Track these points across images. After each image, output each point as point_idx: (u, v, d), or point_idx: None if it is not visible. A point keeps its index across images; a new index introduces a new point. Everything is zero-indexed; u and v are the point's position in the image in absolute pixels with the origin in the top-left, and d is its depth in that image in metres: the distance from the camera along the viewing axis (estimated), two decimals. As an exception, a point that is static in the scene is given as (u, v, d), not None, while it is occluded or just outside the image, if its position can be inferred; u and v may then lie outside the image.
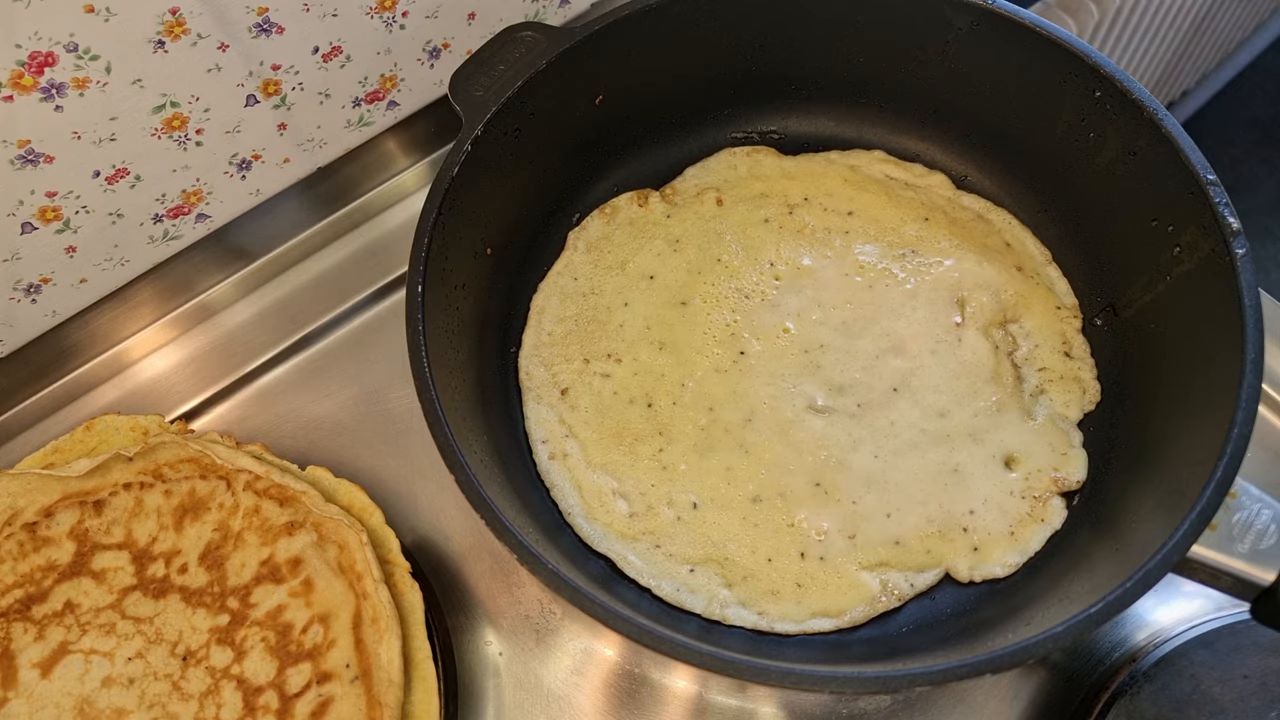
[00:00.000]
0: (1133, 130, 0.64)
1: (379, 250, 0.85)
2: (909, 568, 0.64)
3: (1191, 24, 1.56)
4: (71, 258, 0.72)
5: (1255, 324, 0.55)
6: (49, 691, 0.60)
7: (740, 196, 0.78)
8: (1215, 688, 0.59)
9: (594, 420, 0.70)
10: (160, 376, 0.81)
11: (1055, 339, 0.71)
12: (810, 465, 0.67)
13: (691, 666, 0.50)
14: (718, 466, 0.68)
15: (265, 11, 0.68)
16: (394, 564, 0.64)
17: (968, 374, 0.70)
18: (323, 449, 0.76)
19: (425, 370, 0.58)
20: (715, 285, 0.75)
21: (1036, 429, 0.68)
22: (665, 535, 0.66)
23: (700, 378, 0.71)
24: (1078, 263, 0.73)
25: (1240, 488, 0.51)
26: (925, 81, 0.76)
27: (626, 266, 0.76)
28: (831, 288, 0.74)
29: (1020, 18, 0.67)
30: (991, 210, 0.77)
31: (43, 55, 0.60)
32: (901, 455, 0.67)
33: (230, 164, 0.76)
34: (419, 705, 0.60)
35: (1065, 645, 0.49)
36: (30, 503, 0.64)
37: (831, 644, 0.63)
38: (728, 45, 0.76)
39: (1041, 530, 0.65)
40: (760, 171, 0.80)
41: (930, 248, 0.75)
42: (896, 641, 0.63)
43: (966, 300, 0.72)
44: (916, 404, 0.69)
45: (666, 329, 0.73)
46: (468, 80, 0.69)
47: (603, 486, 0.68)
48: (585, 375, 0.72)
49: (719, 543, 0.66)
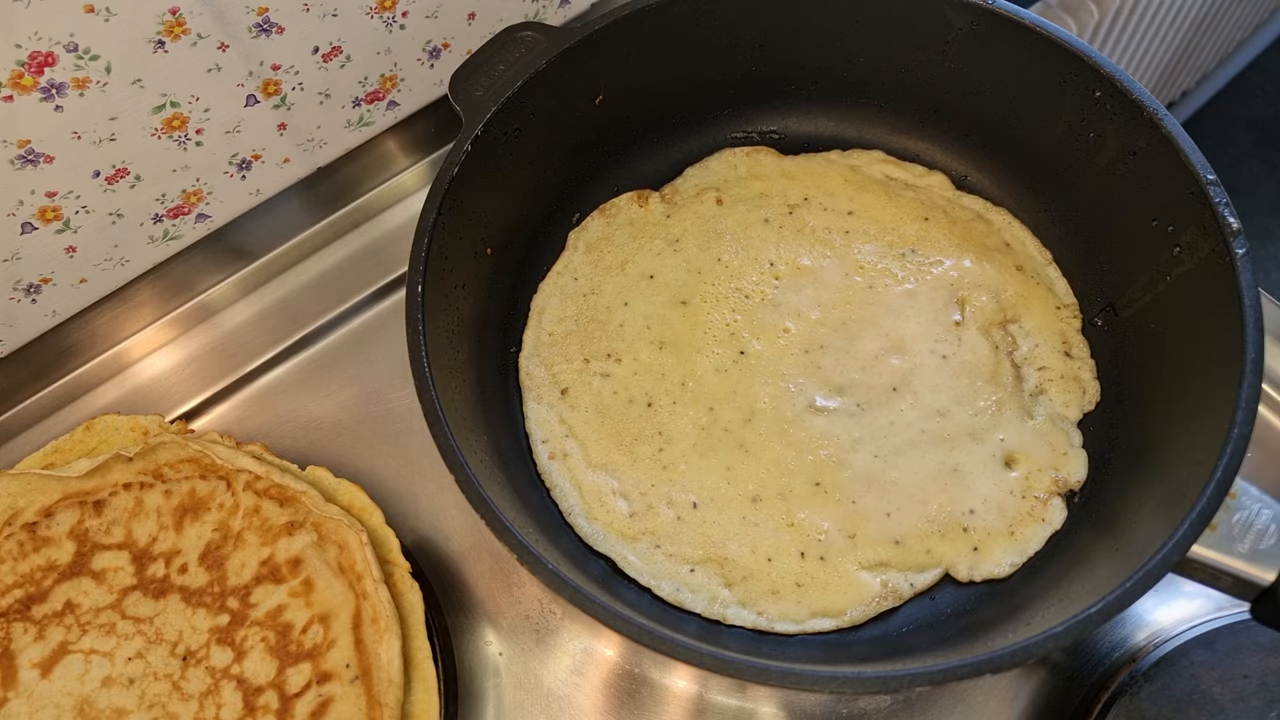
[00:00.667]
0: (1133, 130, 0.64)
1: (379, 250, 0.85)
2: (909, 567, 0.64)
3: (1192, 24, 1.56)
4: (71, 258, 0.72)
5: (1255, 324, 0.55)
6: (49, 691, 0.60)
7: (740, 196, 0.78)
8: (1215, 688, 0.59)
9: (594, 420, 0.70)
10: (160, 376, 0.81)
11: (1055, 339, 0.71)
12: (810, 465, 0.67)
13: (691, 666, 0.50)
14: (717, 466, 0.68)
15: (265, 11, 0.68)
16: (394, 564, 0.64)
17: (967, 374, 0.70)
18: (323, 449, 0.76)
19: (425, 370, 0.58)
20: (715, 285, 0.75)
21: (1036, 429, 0.68)
22: (665, 535, 0.66)
23: (700, 377, 0.71)
24: (1078, 263, 0.73)
25: (1240, 488, 0.51)
26: (925, 81, 0.76)
27: (626, 266, 0.76)
28: (832, 287, 0.74)
29: (1020, 18, 0.67)
30: (991, 210, 0.77)
31: (43, 55, 0.60)
32: (901, 455, 0.67)
33: (230, 164, 0.76)
34: (419, 705, 0.60)
35: (1065, 645, 0.49)
36: (30, 503, 0.64)
37: (831, 644, 0.63)
38: (728, 45, 0.76)
39: (1041, 530, 0.65)
40: (760, 171, 0.80)
41: (930, 247, 0.75)
42: (896, 641, 0.63)
43: (966, 300, 0.72)
44: (916, 404, 0.69)
45: (666, 328, 0.73)
46: (468, 80, 0.69)
47: (603, 486, 0.68)
48: (585, 375, 0.72)
49: (719, 542, 0.66)
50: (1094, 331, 0.71)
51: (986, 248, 0.75)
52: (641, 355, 0.72)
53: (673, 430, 0.69)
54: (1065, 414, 0.68)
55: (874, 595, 0.64)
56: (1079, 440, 0.67)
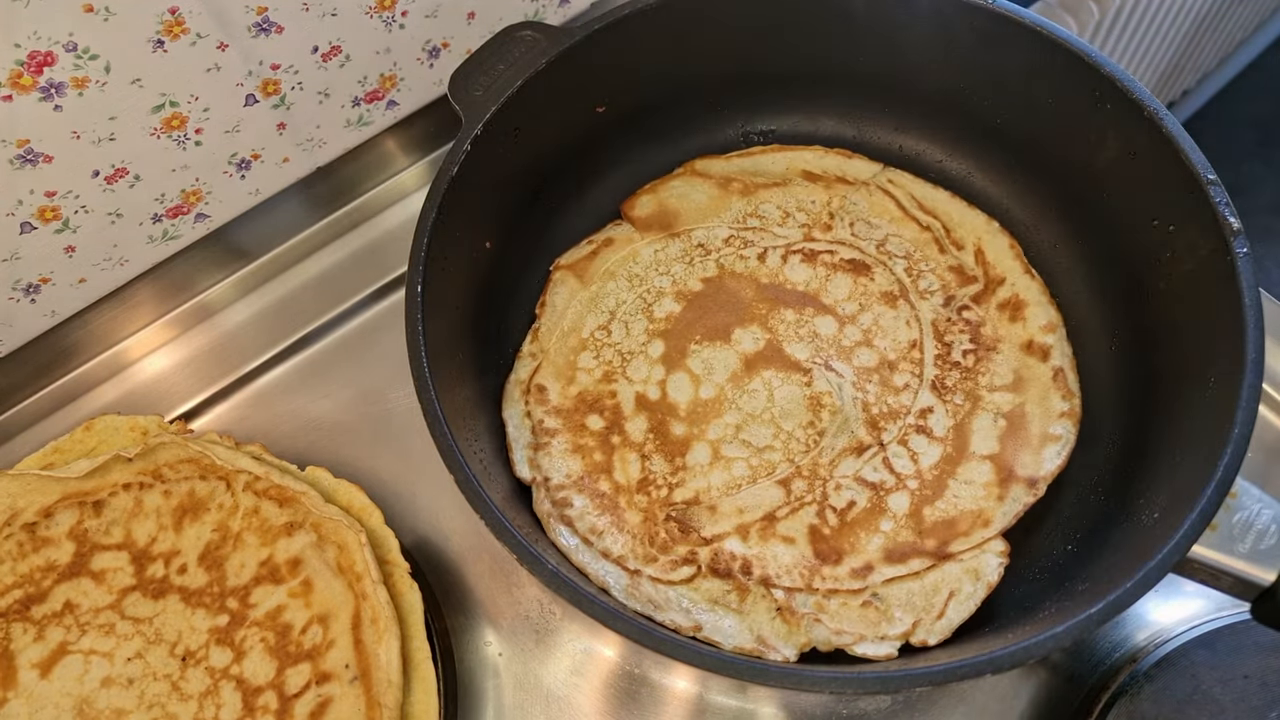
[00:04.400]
0: (1133, 130, 0.64)
1: (378, 250, 0.85)
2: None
3: (1192, 24, 1.56)
4: (71, 257, 0.72)
5: (1255, 324, 0.54)
6: (48, 692, 0.60)
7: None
8: (1216, 688, 0.59)
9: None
10: (159, 376, 0.81)
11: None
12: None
13: (691, 666, 0.50)
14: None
15: (264, 11, 0.68)
16: (393, 564, 0.64)
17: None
18: (322, 449, 0.76)
19: (425, 370, 0.58)
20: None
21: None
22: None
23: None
24: (1077, 262, 0.73)
25: (1240, 488, 0.51)
26: (926, 81, 0.75)
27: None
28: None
29: (1021, 17, 0.67)
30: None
31: (42, 55, 0.60)
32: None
33: (229, 164, 0.76)
34: (418, 705, 0.60)
35: (1065, 645, 0.49)
36: (30, 503, 0.64)
37: (831, 644, 0.63)
38: (728, 45, 0.76)
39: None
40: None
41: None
42: (896, 642, 0.63)
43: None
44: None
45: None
46: (467, 80, 0.69)
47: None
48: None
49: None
50: (1094, 332, 0.71)
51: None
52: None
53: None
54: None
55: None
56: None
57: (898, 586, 0.62)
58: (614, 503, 0.66)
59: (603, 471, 0.67)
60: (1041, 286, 0.72)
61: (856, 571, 0.62)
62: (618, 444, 0.68)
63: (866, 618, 0.61)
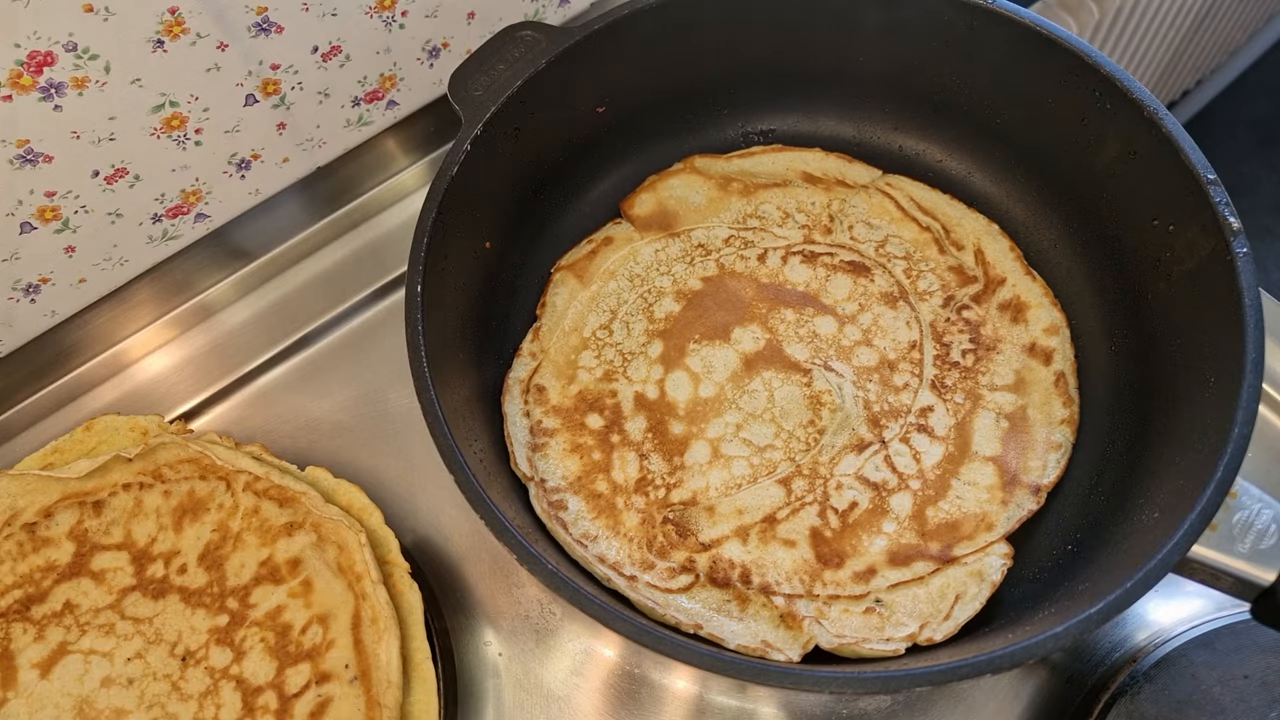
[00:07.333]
0: (1133, 130, 0.64)
1: (378, 250, 0.85)
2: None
3: (1192, 24, 1.56)
4: (70, 257, 0.72)
5: (1255, 324, 0.54)
6: (48, 692, 0.60)
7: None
8: (1216, 688, 0.59)
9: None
10: (159, 376, 0.81)
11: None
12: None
13: (691, 666, 0.50)
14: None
15: (264, 11, 0.68)
16: (393, 564, 0.64)
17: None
18: (322, 449, 0.76)
19: (425, 370, 0.58)
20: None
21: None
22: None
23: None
24: (1076, 262, 0.73)
25: (1240, 488, 0.51)
26: (926, 81, 0.75)
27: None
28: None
29: (1020, 17, 0.67)
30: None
31: (42, 55, 0.60)
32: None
33: (229, 163, 0.76)
34: (418, 705, 0.60)
35: (1065, 645, 0.49)
36: (30, 503, 0.64)
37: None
38: (727, 45, 0.76)
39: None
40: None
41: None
42: (896, 641, 0.63)
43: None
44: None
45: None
46: (467, 80, 0.69)
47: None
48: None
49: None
50: (1094, 332, 0.71)
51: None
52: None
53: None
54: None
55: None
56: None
57: (903, 592, 0.61)
58: (611, 504, 0.65)
59: (601, 471, 0.67)
60: (1044, 288, 0.72)
61: (859, 575, 0.62)
62: (617, 443, 0.68)
63: (869, 624, 0.60)
